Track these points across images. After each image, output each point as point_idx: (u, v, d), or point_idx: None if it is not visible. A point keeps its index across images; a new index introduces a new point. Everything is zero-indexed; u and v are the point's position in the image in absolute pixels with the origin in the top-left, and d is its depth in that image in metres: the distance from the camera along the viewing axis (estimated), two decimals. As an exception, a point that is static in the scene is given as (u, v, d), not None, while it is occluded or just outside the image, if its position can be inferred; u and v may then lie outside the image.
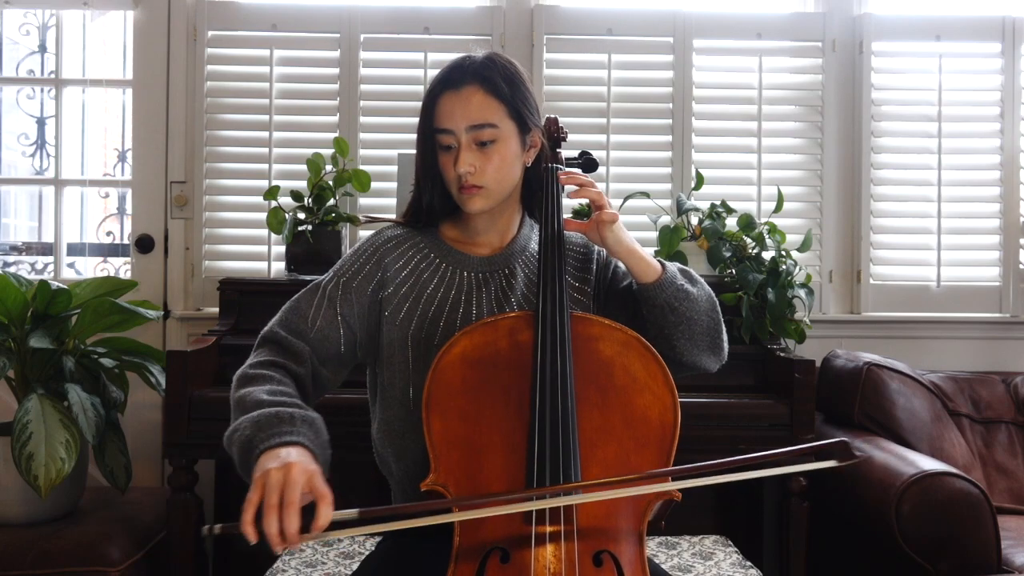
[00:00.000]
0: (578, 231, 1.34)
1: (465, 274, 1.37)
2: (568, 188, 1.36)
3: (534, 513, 1.11)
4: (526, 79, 1.35)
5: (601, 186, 2.61)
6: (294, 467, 1.01)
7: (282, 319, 1.33)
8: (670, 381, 1.23)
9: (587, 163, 1.55)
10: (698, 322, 1.32)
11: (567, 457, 1.14)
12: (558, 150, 1.47)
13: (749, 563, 1.88)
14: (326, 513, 0.99)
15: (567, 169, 1.39)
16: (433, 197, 1.37)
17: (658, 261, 1.33)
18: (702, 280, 1.37)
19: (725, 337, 1.39)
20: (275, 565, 1.83)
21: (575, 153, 1.58)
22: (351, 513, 1.02)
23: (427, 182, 1.36)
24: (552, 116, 1.51)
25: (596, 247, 1.45)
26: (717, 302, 1.37)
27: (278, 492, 0.99)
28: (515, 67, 1.34)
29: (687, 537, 2.04)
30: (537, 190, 1.40)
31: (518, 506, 1.07)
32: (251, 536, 0.98)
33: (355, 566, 1.72)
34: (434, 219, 1.40)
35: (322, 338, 1.31)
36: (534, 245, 1.43)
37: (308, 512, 1.01)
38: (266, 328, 1.34)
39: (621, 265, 1.43)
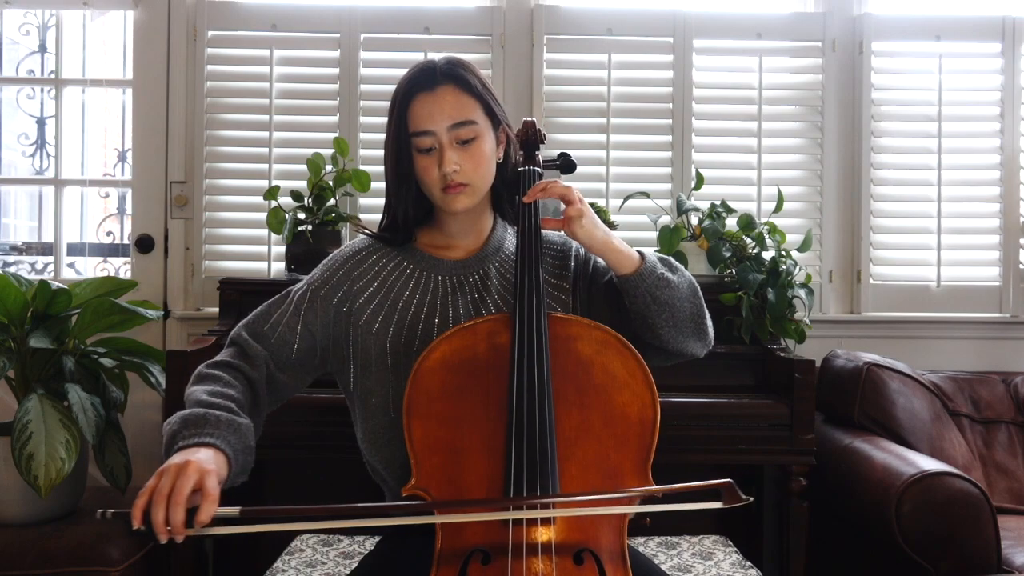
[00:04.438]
0: (556, 229, 1.32)
1: (439, 278, 1.37)
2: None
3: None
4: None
5: (600, 186, 2.65)
6: (191, 464, 1.06)
7: (249, 321, 1.37)
8: (649, 378, 1.23)
9: (565, 164, 1.53)
10: (681, 309, 1.33)
11: (544, 458, 1.14)
12: (536, 152, 1.46)
13: (749, 563, 1.88)
14: (207, 510, 1.04)
15: (539, 183, 1.36)
16: (408, 206, 1.38)
17: (637, 251, 1.33)
18: (682, 267, 1.38)
19: (709, 322, 1.40)
20: (275, 565, 1.83)
21: (554, 154, 1.57)
22: (233, 511, 1.07)
23: (402, 190, 1.37)
24: (530, 119, 1.51)
25: (574, 244, 1.44)
26: (698, 288, 1.38)
27: (170, 484, 1.04)
28: (476, 67, 1.36)
29: (687, 537, 2.04)
30: (511, 191, 1.40)
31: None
32: (136, 520, 1.03)
33: (355, 566, 1.73)
34: (411, 233, 1.40)
35: (281, 344, 1.34)
36: (508, 245, 1.43)
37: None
38: (235, 327, 1.38)
39: (601, 260, 1.42)
